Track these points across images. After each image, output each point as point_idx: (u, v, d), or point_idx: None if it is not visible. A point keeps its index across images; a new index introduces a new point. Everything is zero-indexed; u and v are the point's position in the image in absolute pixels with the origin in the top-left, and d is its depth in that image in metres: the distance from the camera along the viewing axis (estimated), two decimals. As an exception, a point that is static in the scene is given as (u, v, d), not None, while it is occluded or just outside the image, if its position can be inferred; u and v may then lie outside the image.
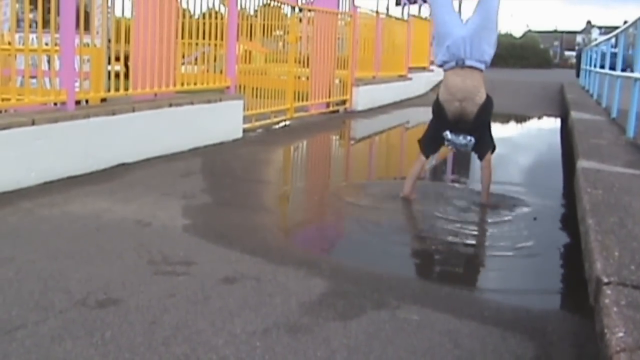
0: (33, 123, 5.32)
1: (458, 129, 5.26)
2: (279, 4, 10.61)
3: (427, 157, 5.62)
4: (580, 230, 3.71)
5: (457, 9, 5.58)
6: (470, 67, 5.20)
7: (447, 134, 5.29)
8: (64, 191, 5.17)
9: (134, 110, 6.51)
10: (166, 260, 3.68)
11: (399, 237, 4.73)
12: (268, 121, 9.82)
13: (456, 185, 6.63)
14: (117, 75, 6.66)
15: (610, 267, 2.69)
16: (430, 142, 5.57)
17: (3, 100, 5.68)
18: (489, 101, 5.29)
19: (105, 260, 3.63)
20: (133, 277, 3.37)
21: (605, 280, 2.55)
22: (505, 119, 13.37)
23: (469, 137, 5.25)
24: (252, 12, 9.83)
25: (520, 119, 14.05)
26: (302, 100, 11.21)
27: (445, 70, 5.36)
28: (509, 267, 4.09)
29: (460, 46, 5.17)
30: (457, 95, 5.19)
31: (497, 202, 5.45)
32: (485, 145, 5.38)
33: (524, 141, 10.92)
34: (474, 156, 5.61)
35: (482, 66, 5.26)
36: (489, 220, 5.12)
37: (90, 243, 3.94)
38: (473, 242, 4.58)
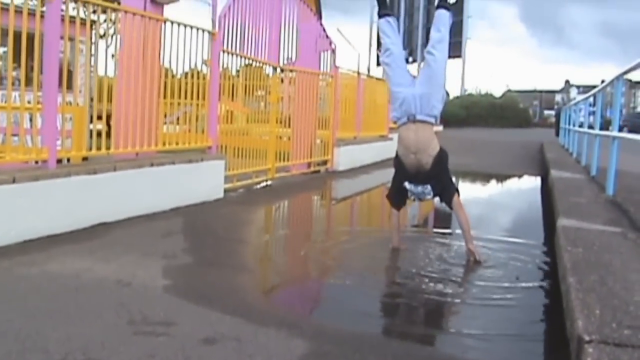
0: (14, 181, 5.31)
1: (417, 180, 5.65)
2: (261, 64, 10.71)
3: (397, 209, 6.06)
4: (562, 288, 3.72)
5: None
6: (421, 122, 5.59)
7: (406, 184, 5.70)
8: (44, 250, 5.13)
9: (115, 169, 6.51)
10: (146, 320, 3.64)
11: (380, 296, 4.71)
12: (249, 181, 9.84)
13: (441, 235, 6.69)
14: (99, 134, 6.66)
15: (592, 326, 2.69)
16: (396, 194, 5.96)
17: (-16, 158, 5.67)
18: (442, 152, 5.67)
19: (84, 320, 3.59)
20: (112, 337, 3.33)
21: (587, 338, 2.55)
22: (486, 178, 13.45)
23: (426, 186, 5.63)
24: (234, 72, 9.92)
25: (501, 178, 14.12)
26: (284, 160, 11.26)
27: (399, 127, 5.74)
28: (492, 327, 4.07)
29: (411, 103, 5.59)
30: (411, 148, 5.59)
31: (480, 256, 5.54)
32: (447, 190, 5.72)
33: (505, 200, 10.98)
34: None
35: (432, 120, 5.65)
36: (472, 278, 5.12)
37: (70, 302, 3.90)
38: (456, 301, 4.56)
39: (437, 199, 5.89)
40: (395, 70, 5.85)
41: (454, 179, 5.98)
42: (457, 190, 5.76)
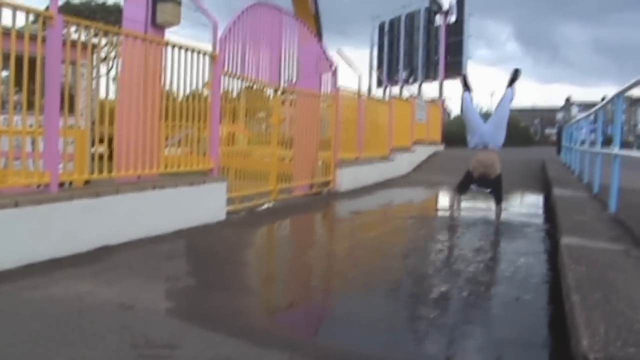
0: (16, 205, 5.31)
1: (480, 184, 9.35)
2: (262, 86, 10.74)
3: (459, 194, 9.80)
4: (565, 306, 3.71)
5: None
6: (490, 149, 9.17)
7: (473, 187, 9.55)
8: (46, 274, 5.13)
9: (117, 193, 6.52)
10: (149, 343, 3.63)
11: (387, 316, 4.67)
12: (252, 203, 9.83)
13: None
14: (100, 157, 6.67)
15: (597, 344, 2.67)
16: (462, 187, 9.69)
17: (-14, 182, 5.67)
18: (500, 172, 9.23)
19: (87, 344, 3.58)
20: (115, 361, 3.31)
21: (592, 357, 2.54)
22: (488, 196, 13.39)
23: (487, 189, 9.44)
24: (235, 94, 9.94)
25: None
26: (286, 182, 11.27)
27: (476, 151, 9.31)
28: (497, 345, 4.05)
29: (485, 137, 9.26)
30: (483, 163, 9.15)
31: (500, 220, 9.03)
32: (498, 196, 9.29)
33: (508, 218, 10.94)
34: None
35: (497, 148, 9.27)
36: (476, 297, 5.11)
37: (72, 326, 3.89)
38: (458, 320, 4.55)
39: None
40: (476, 118, 9.64)
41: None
42: (502, 199, 9.35)
